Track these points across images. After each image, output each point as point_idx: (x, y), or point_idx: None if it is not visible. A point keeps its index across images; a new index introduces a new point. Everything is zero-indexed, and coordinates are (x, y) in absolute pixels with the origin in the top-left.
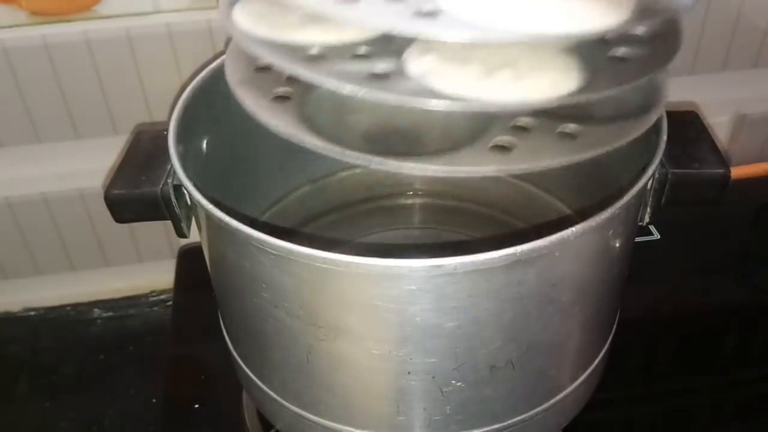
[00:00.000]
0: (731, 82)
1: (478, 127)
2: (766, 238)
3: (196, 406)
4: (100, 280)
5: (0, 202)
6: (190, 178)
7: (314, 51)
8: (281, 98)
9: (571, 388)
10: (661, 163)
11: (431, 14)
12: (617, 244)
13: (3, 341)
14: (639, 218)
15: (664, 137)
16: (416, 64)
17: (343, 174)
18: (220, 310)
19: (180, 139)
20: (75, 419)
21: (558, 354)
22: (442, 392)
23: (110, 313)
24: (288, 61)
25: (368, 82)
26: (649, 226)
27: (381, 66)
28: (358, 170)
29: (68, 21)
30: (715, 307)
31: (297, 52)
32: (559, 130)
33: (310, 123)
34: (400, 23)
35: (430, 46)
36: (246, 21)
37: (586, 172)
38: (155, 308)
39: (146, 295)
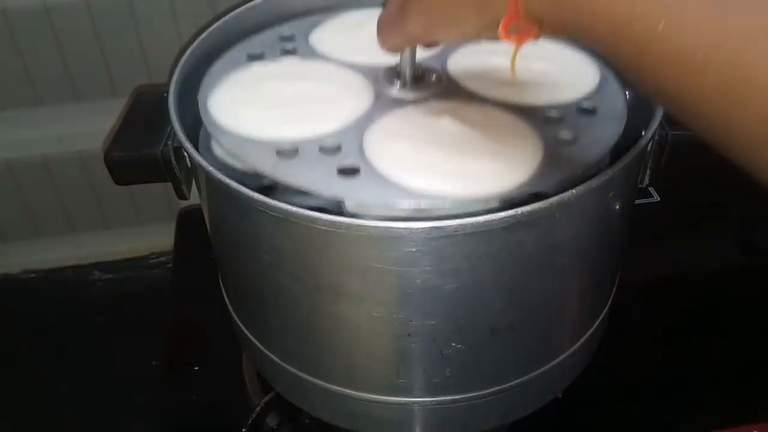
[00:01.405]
0: None
1: None
2: (765, 200)
3: (196, 368)
4: (100, 243)
5: (0, 165)
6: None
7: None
8: None
9: (571, 351)
10: (661, 125)
11: (354, 171)
12: (617, 206)
13: (2, 303)
14: (639, 180)
15: None
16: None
17: None
18: (220, 273)
19: (180, 100)
20: (75, 381)
21: (558, 316)
22: (442, 354)
23: (110, 276)
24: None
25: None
26: (649, 188)
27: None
28: None
29: None
30: (714, 268)
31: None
32: None
33: None
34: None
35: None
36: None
37: None
38: (155, 270)
39: (146, 257)
